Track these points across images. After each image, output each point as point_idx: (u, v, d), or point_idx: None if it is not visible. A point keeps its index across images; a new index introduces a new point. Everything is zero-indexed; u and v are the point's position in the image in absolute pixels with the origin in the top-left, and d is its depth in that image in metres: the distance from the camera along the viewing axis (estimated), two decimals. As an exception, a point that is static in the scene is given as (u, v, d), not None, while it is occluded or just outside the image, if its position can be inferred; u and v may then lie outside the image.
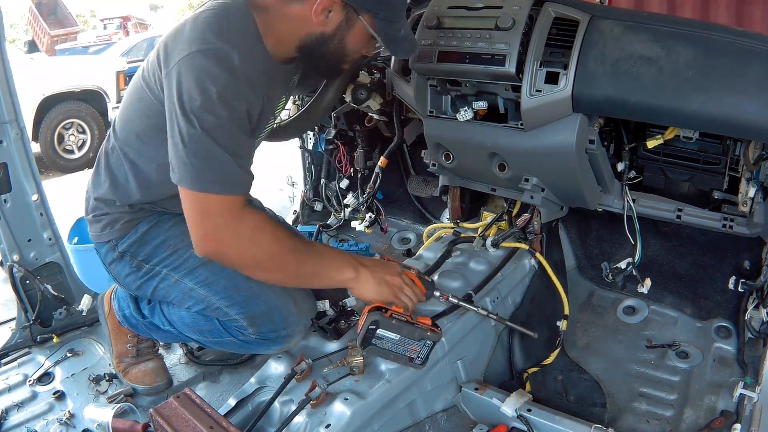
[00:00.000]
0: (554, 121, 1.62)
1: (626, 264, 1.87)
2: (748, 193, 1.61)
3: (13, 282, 1.98)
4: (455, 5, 1.69)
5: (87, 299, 2.09)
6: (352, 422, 1.38)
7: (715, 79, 1.43)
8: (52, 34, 13.87)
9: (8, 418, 1.72)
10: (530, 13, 1.59)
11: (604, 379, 1.88)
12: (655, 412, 1.76)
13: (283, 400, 1.44)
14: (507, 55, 1.57)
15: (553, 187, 1.83)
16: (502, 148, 1.76)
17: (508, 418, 1.55)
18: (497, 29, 1.59)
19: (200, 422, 1.22)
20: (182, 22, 1.42)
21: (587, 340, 2.06)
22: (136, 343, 1.79)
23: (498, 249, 1.99)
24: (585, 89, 1.53)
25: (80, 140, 7.43)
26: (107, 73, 7.51)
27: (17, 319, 2.04)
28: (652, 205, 1.82)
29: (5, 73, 1.85)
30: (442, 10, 1.70)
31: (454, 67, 1.67)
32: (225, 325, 1.56)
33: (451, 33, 1.67)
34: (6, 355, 1.97)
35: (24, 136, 1.94)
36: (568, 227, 2.31)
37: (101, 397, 1.77)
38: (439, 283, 1.77)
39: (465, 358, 1.69)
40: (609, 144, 1.78)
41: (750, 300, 1.86)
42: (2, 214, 1.93)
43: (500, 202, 2.23)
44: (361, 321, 1.42)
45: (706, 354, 1.91)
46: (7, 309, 3.31)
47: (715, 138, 1.66)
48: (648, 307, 2.12)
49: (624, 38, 1.52)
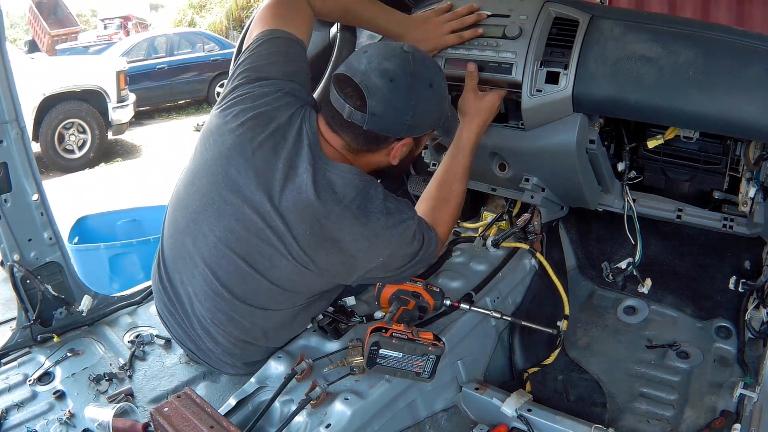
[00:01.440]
0: (555, 120, 1.62)
1: (626, 264, 1.87)
2: (748, 193, 1.61)
3: (13, 282, 1.98)
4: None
5: (87, 299, 2.09)
6: (353, 422, 1.38)
7: (715, 79, 1.43)
8: (52, 33, 13.90)
9: (8, 418, 1.72)
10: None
11: (605, 379, 1.88)
12: (655, 412, 1.76)
13: (283, 399, 1.44)
14: (514, 64, 1.58)
15: (554, 187, 1.83)
16: (503, 148, 1.77)
17: (509, 418, 1.55)
18: (504, 38, 1.60)
19: (200, 422, 1.22)
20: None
21: (587, 340, 2.06)
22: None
23: (498, 249, 1.99)
24: (585, 89, 1.53)
25: (80, 140, 7.45)
26: (108, 73, 7.53)
27: (17, 319, 2.04)
28: (652, 205, 1.82)
29: (6, 72, 1.84)
30: None
31: (461, 73, 1.67)
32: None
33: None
34: (6, 355, 1.97)
35: (24, 135, 1.93)
36: (569, 227, 2.31)
37: (101, 396, 1.77)
38: (446, 289, 1.77)
39: (465, 358, 1.69)
40: (609, 144, 1.79)
41: (750, 300, 1.86)
42: (2, 214, 1.92)
43: (500, 202, 2.23)
44: (366, 342, 1.42)
45: (707, 354, 1.91)
46: (7, 309, 3.32)
47: (716, 138, 1.66)
48: (648, 307, 2.12)
49: (624, 38, 1.52)
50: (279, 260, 1.42)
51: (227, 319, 1.53)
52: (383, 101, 1.35)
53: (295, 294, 1.50)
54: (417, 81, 1.38)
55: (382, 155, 1.47)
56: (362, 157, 1.47)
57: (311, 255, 1.40)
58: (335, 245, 1.39)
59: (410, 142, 1.46)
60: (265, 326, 1.54)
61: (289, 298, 1.51)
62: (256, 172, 1.40)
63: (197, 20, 17.77)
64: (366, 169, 1.47)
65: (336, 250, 1.40)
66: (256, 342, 1.57)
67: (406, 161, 1.54)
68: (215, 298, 1.51)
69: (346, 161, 1.45)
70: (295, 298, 1.51)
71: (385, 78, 1.35)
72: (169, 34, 12.03)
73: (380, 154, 1.46)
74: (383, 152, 1.46)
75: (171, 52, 11.39)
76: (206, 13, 17.72)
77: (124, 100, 7.70)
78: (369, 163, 1.48)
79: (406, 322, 1.44)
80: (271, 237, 1.40)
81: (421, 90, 1.39)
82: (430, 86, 1.41)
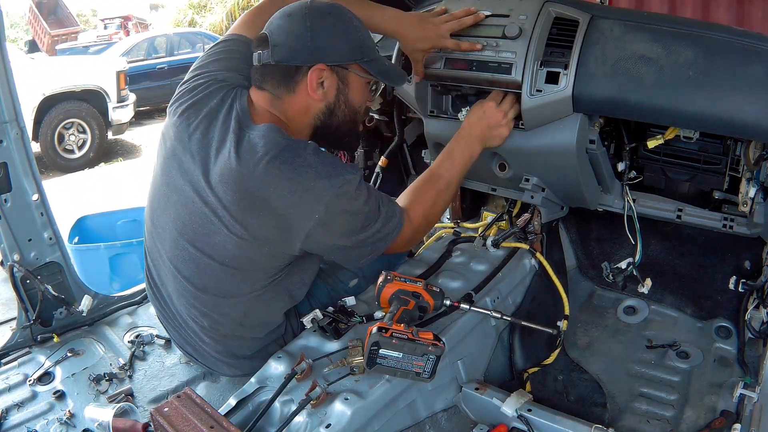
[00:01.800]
0: (555, 120, 1.62)
1: (627, 264, 1.87)
2: (748, 193, 1.61)
3: (13, 282, 1.98)
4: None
5: (87, 299, 2.09)
6: (353, 422, 1.38)
7: (715, 79, 1.43)
8: (52, 33, 13.89)
9: (8, 418, 1.72)
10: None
11: (605, 379, 1.88)
12: (655, 412, 1.76)
13: (283, 399, 1.44)
14: (513, 64, 1.58)
15: (554, 187, 1.83)
16: (503, 148, 1.76)
17: (509, 418, 1.55)
18: (504, 38, 1.60)
19: (200, 422, 1.22)
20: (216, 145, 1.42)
21: (587, 340, 2.06)
22: None
23: (498, 249, 1.99)
24: (585, 89, 1.53)
25: (80, 140, 7.44)
26: (108, 73, 7.53)
27: (18, 319, 2.04)
28: (652, 205, 1.82)
29: (6, 72, 1.84)
30: None
31: (461, 73, 1.68)
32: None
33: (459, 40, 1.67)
34: (6, 355, 1.97)
35: (24, 135, 1.94)
36: (569, 227, 2.31)
37: (102, 396, 1.77)
38: (446, 289, 1.77)
39: (465, 358, 1.69)
40: (609, 144, 1.78)
41: (750, 300, 1.86)
42: (2, 214, 1.93)
43: (500, 202, 2.23)
44: (366, 342, 1.42)
45: (707, 354, 1.91)
46: (7, 309, 3.32)
47: (716, 138, 1.66)
48: (648, 307, 2.12)
49: (624, 38, 1.52)
50: (218, 236, 1.42)
51: (201, 314, 1.56)
52: (282, 33, 1.43)
53: (246, 273, 1.48)
54: (313, 11, 1.43)
55: (303, 94, 1.46)
56: (289, 104, 1.47)
57: (243, 222, 1.39)
58: (265, 206, 1.37)
59: (326, 71, 1.44)
60: (235, 316, 1.55)
61: (243, 280, 1.49)
62: (193, 155, 1.44)
63: (197, 20, 17.78)
64: (300, 120, 1.48)
65: (266, 211, 1.37)
66: (234, 333, 1.58)
67: (345, 107, 1.52)
68: (185, 294, 1.55)
69: (277, 121, 1.46)
70: (248, 278, 1.49)
71: (284, 16, 1.44)
72: (169, 34, 12.03)
73: (300, 92, 1.46)
74: (302, 88, 1.45)
75: (171, 52, 11.39)
76: (207, 13, 17.73)
77: (124, 100, 7.70)
78: (298, 110, 1.48)
79: (406, 322, 1.43)
80: (207, 213, 1.42)
81: (318, 16, 1.43)
82: (330, 14, 1.45)
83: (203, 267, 1.48)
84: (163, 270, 1.60)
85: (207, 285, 1.50)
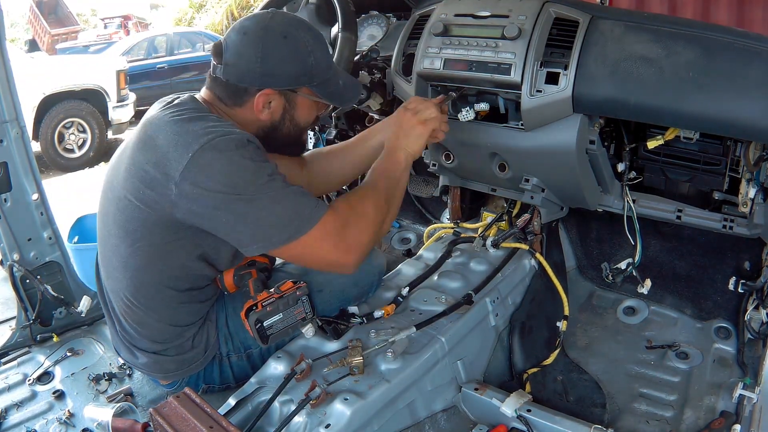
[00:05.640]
0: (555, 121, 1.62)
1: (626, 264, 1.87)
2: (748, 194, 1.61)
3: (13, 281, 1.98)
4: (462, 13, 1.69)
5: (86, 299, 2.09)
6: (352, 422, 1.38)
7: (715, 79, 1.43)
8: (52, 33, 13.86)
9: (8, 418, 1.72)
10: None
11: (604, 380, 1.88)
12: (654, 413, 1.76)
13: (282, 399, 1.44)
14: (513, 65, 1.58)
15: (554, 188, 1.83)
16: (503, 149, 1.77)
17: (508, 419, 1.55)
18: (503, 38, 1.59)
19: (200, 422, 1.22)
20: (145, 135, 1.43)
21: (587, 341, 2.06)
22: None
23: (498, 249, 1.99)
24: (585, 90, 1.53)
25: (80, 139, 7.43)
26: (108, 72, 7.51)
27: (17, 318, 2.04)
28: (652, 205, 1.82)
29: (6, 72, 1.85)
30: (449, 18, 1.70)
31: (460, 74, 1.67)
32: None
33: (458, 41, 1.67)
34: (6, 354, 1.97)
35: (24, 135, 1.94)
36: (568, 228, 2.31)
37: (101, 396, 1.77)
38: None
39: (465, 358, 1.69)
40: (609, 144, 1.79)
41: (750, 301, 1.86)
42: (2, 213, 1.93)
43: (500, 203, 2.23)
44: (248, 327, 1.47)
45: (706, 355, 1.91)
46: (7, 308, 3.31)
47: (716, 139, 1.66)
48: (648, 308, 2.12)
49: (624, 39, 1.52)
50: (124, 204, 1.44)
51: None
52: (235, 52, 1.44)
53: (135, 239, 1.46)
54: (268, 33, 1.43)
55: (250, 110, 1.48)
56: (235, 114, 1.49)
57: (130, 163, 1.42)
58: (151, 142, 1.39)
59: (273, 94, 1.46)
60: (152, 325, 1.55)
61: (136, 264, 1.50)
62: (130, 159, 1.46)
63: (197, 20, 17.76)
64: (246, 128, 1.47)
65: (151, 147, 1.39)
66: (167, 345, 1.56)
67: (291, 125, 1.54)
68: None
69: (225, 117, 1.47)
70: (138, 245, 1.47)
71: (240, 33, 1.45)
72: (169, 34, 12.01)
73: (247, 108, 1.48)
74: (249, 106, 1.47)
75: (171, 51, 11.38)
76: (206, 12, 17.72)
77: (124, 99, 7.69)
78: (244, 120, 1.49)
79: (264, 288, 1.51)
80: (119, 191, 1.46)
81: (272, 40, 1.43)
82: (284, 38, 1.44)
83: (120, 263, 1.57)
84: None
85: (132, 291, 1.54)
